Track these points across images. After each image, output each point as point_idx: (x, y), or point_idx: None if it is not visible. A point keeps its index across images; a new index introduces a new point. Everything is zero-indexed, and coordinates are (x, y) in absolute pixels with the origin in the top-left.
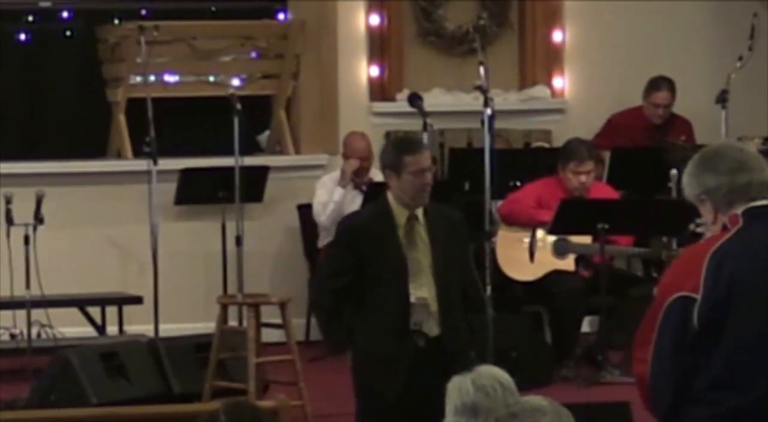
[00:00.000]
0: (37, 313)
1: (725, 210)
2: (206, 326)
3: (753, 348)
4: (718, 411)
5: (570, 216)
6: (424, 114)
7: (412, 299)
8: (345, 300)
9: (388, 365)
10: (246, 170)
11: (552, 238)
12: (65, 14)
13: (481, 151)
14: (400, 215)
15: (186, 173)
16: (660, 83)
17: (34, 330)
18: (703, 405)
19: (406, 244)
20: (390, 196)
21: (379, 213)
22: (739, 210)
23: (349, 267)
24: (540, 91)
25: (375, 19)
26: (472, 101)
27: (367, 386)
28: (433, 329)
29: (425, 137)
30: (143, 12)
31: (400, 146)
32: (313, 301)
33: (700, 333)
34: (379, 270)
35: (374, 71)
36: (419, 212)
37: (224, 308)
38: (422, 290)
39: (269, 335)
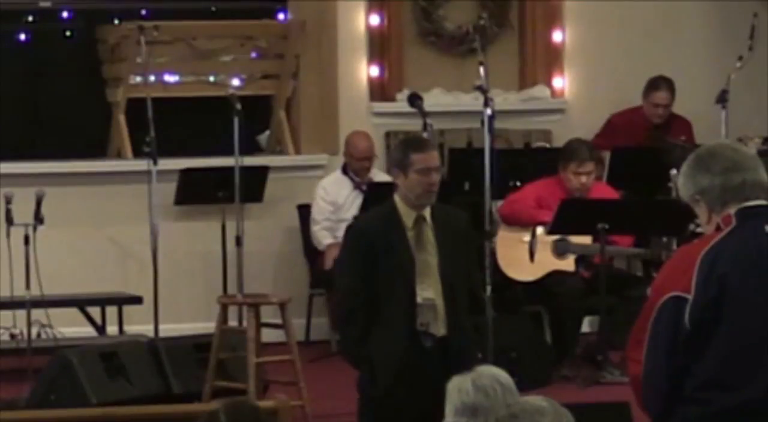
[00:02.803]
0: (37, 313)
1: (719, 210)
2: (206, 326)
3: (745, 348)
4: (711, 410)
5: (570, 217)
6: (424, 114)
7: (419, 300)
8: (367, 315)
9: (395, 365)
10: (246, 170)
11: (552, 238)
12: (65, 14)
13: (481, 151)
14: (408, 217)
15: (186, 173)
16: (659, 83)
17: (34, 330)
18: (696, 405)
19: (415, 246)
20: (397, 198)
21: (387, 215)
22: (732, 210)
23: (367, 278)
24: (540, 91)
25: (375, 19)
26: (472, 101)
27: (373, 385)
28: (440, 330)
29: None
30: (143, 12)
31: (407, 144)
32: (338, 324)
33: (692, 333)
34: (387, 271)
35: (374, 71)
36: (426, 213)
37: (224, 308)
38: (429, 291)
39: (269, 335)
